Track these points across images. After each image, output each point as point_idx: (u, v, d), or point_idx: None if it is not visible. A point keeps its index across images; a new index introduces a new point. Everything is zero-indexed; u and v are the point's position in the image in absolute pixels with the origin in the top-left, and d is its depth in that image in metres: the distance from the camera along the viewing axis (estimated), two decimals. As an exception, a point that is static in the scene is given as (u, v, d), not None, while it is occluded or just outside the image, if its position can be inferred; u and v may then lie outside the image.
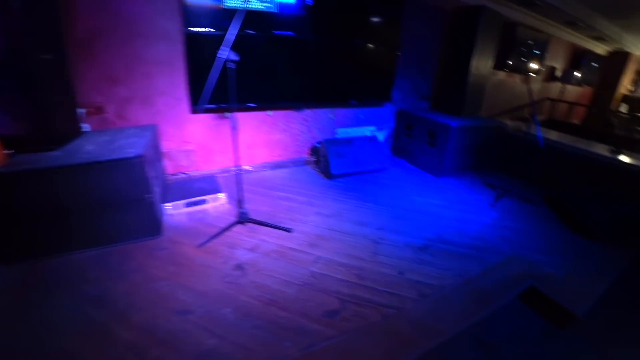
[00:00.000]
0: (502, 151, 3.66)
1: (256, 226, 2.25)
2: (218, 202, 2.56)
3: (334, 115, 3.38)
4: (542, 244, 2.28)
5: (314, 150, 3.43)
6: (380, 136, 3.72)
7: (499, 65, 4.13)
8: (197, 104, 2.66)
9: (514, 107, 4.76)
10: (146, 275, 1.74)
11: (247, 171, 3.15)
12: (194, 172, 2.97)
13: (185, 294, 1.63)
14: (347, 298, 1.67)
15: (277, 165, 3.27)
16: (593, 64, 5.62)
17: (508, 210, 2.74)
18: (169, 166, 2.86)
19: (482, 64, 3.51)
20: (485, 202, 2.83)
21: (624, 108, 5.80)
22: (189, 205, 2.48)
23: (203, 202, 2.53)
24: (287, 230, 2.21)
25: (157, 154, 2.51)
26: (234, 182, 2.54)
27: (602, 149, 3.30)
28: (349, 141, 3.16)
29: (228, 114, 2.89)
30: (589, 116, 6.13)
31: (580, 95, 6.13)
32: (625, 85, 6.27)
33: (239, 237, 2.13)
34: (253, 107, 2.87)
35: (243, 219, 2.24)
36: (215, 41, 2.24)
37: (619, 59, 6.01)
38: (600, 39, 5.37)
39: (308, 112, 3.23)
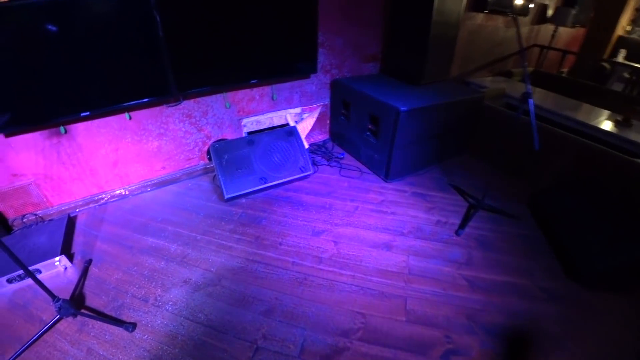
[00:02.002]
0: (475, 131, 2.73)
1: (90, 319, 1.57)
2: (58, 268, 1.86)
3: (229, 104, 2.41)
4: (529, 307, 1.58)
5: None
6: (308, 122, 2.76)
7: (476, 4, 2.88)
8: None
9: (494, 59, 3.57)
10: None
11: (122, 196, 2.36)
12: (46, 210, 2.20)
13: None
14: None
15: (162, 182, 2.43)
16: (588, -1, 4.02)
17: (479, 238, 1.99)
18: (7, 210, 2.09)
19: (451, 2, 2.34)
20: (447, 228, 2.06)
21: (621, 55, 4.32)
22: (11, 281, 1.79)
23: (37, 271, 1.83)
24: (128, 328, 1.53)
25: None
26: (93, 221, 1.93)
27: (604, 120, 2.37)
28: (250, 141, 2.26)
29: (63, 130, 1.99)
30: (579, 66, 4.73)
31: (572, 39, 4.66)
32: (623, 25, 4.68)
33: (58, 345, 1.47)
34: (97, 112, 1.93)
35: (65, 312, 1.54)
36: None
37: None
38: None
39: (189, 105, 2.27)
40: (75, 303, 1.56)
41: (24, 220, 2.14)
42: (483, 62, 3.51)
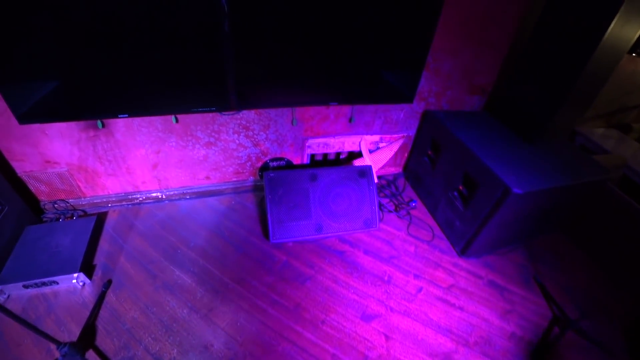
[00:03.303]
0: (581, 213, 2.09)
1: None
2: (76, 285, 1.65)
3: (296, 121, 1.96)
4: None
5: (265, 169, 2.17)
6: (384, 154, 2.25)
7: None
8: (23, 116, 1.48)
9: (617, 109, 2.71)
10: None
11: (157, 199, 2.09)
12: (78, 200, 1.99)
13: None
14: None
15: (204, 193, 2.11)
16: None
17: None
18: (42, 191, 1.90)
19: (629, 28, 1.57)
20: (522, 348, 1.57)
21: None
22: (28, 287, 1.61)
23: (54, 283, 1.64)
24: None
25: None
26: (123, 225, 1.80)
27: None
28: (313, 176, 1.83)
29: (101, 125, 1.68)
30: None
31: None
32: None
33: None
34: (145, 112, 1.59)
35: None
36: None
37: None
38: None
39: (248, 115, 1.86)
40: (82, 346, 1.35)
41: (55, 206, 1.95)
42: (603, 110, 2.71)
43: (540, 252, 2.09)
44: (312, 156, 2.18)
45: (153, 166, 1.94)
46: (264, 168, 2.12)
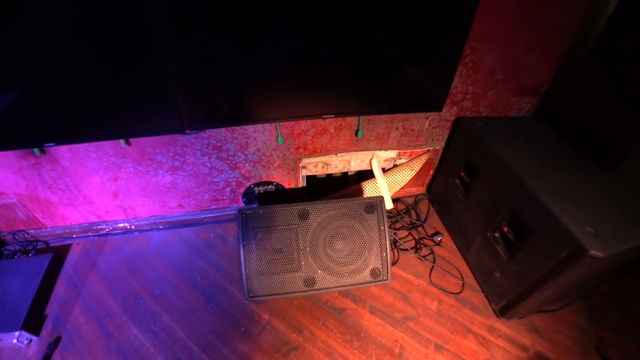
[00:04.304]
0: None
1: None
2: (18, 342, 1.39)
3: (283, 138, 1.52)
4: None
5: (250, 197, 1.76)
6: (403, 173, 1.74)
7: None
8: None
9: None
10: None
11: (126, 230, 1.77)
12: (39, 231, 1.72)
13: None
14: None
15: (178, 223, 1.74)
16: None
17: None
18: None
19: None
20: None
21: None
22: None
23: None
24: None
25: None
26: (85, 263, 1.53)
27: None
28: (303, 213, 1.39)
29: (38, 152, 1.36)
30: None
31: None
32: None
33: None
34: (75, 139, 1.23)
35: None
36: None
37: None
38: None
39: (217, 134, 1.44)
40: None
41: (15, 237, 1.70)
42: None
43: (605, 307, 1.53)
44: (312, 177, 1.74)
45: (113, 195, 1.60)
46: (249, 194, 1.72)
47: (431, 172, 1.86)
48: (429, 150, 1.73)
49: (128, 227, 1.74)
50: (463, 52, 1.26)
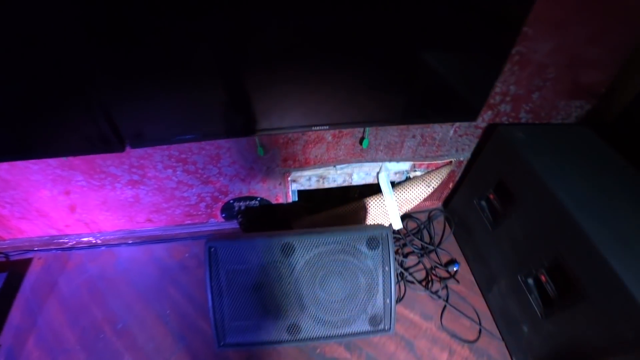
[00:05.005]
0: None
1: None
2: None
3: (263, 149, 1.20)
4: None
5: (230, 212, 1.48)
6: (418, 189, 1.41)
7: None
8: None
9: None
10: None
11: (91, 244, 1.54)
12: (-7, 243, 1.52)
13: None
14: None
15: (149, 238, 1.49)
16: None
17: None
18: None
19: None
20: None
21: None
22: None
23: None
24: None
25: None
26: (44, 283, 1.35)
27: None
28: (287, 248, 1.11)
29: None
30: None
31: None
32: None
33: None
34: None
35: None
36: None
37: None
38: None
39: (180, 146, 1.15)
40: None
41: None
42: None
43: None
44: (304, 192, 1.45)
45: (70, 208, 1.36)
46: (228, 209, 1.45)
47: (451, 185, 1.54)
48: (451, 162, 1.39)
49: (93, 241, 1.52)
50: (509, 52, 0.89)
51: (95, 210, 1.38)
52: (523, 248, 1.14)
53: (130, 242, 1.54)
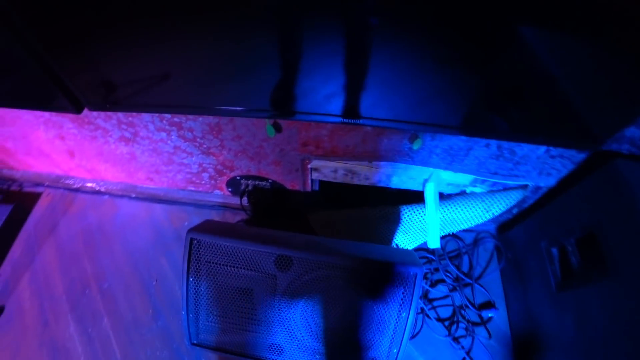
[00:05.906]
0: None
1: None
2: None
3: (274, 129, 0.93)
4: None
5: (236, 187, 1.26)
6: (471, 211, 1.06)
7: None
8: None
9: None
10: None
11: (95, 191, 1.45)
12: (11, 172, 1.49)
13: None
14: None
15: (150, 196, 1.35)
16: None
17: None
18: None
19: None
20: None
21: None
22: None
23: None
24: None
25: None
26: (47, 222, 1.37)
27: None
28: (284, 261, 0.88)
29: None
30: None
31: None
32: None
33: None
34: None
35: None
36: None
37: None
38: None
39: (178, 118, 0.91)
40: None
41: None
42: None
43: None
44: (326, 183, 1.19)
45: (69, 153, 1.25)
46: (234, 184, 1.24)
47: (515, 211, 1.17)
48: (527, 185, 1.02)
49: (97, 188, 1.43)
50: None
51: (94, 159, 1.25)
52: (595, 334, 0.81)
53: (133, 195, 1.42)
